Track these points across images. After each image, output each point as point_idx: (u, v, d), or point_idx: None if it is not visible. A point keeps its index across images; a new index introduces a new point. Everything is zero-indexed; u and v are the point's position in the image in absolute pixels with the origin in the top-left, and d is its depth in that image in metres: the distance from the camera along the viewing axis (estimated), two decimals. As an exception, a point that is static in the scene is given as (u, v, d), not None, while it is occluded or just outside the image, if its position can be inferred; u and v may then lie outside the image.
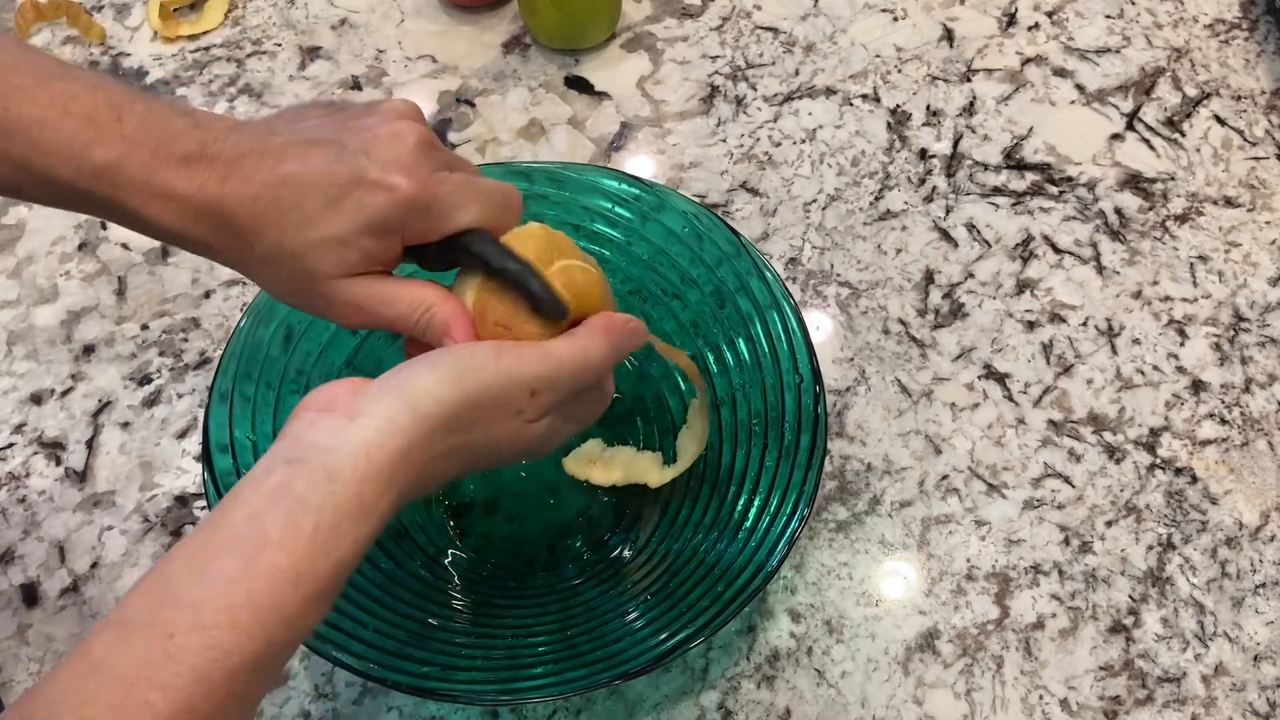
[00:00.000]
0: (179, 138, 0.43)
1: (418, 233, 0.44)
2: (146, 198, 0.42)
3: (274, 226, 0.42)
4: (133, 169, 0.42)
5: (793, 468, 0.54)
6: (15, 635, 0.60)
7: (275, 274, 0.44)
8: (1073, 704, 0.57)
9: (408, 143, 0.44)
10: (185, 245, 0.45)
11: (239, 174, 0.43)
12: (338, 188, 0.42)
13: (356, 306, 0.44)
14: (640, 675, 0.50)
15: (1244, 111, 0.76)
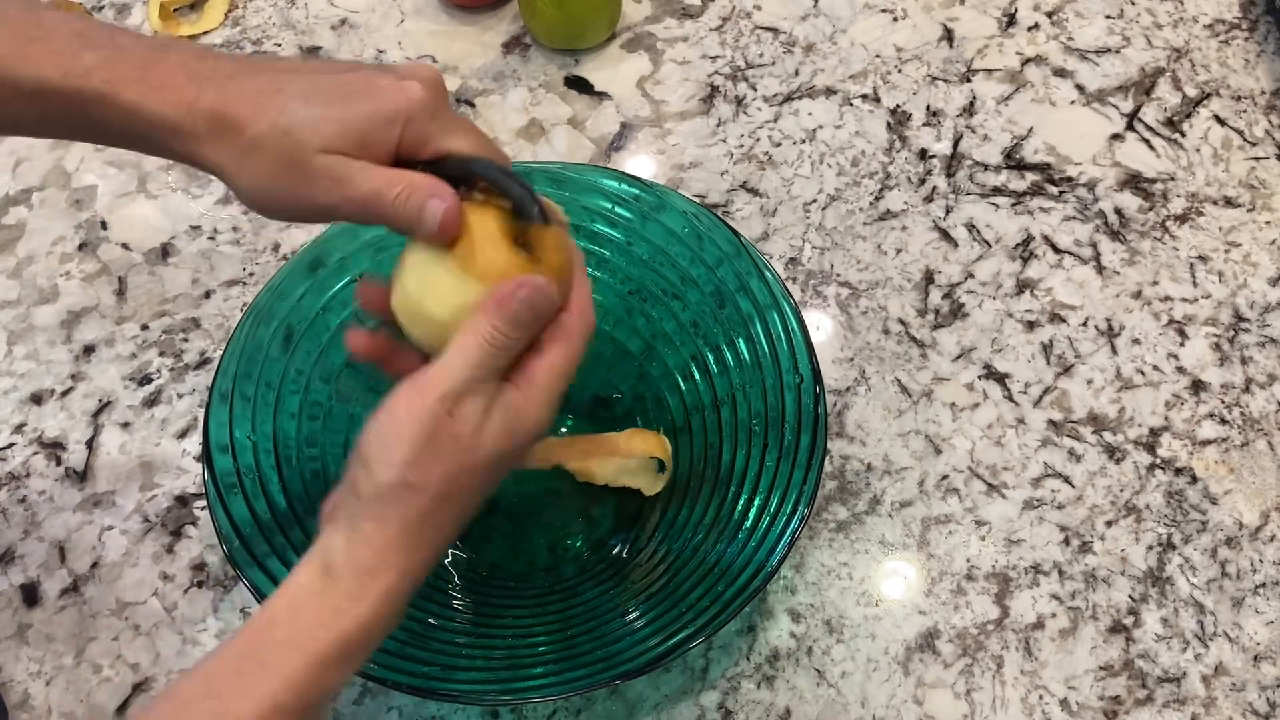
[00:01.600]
0: (178, 46, 0.44)
1: (418, 135, 0.43)
2: (143, 89, 0.42)
3: (273, 111, 0.42)
4: (126, 67, 0.42)
5: (793, 468, 0.54)
6: (15, 635, 0.60)
7: (258, 158, 0.42)
8: (1073, 704, 0.57)
9: (426, 71, 0.44)
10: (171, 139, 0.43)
11: (243, 74, 0.43)
12: (351, 87, 0.42)
13: (338, 179, 0.42)
14: (640, 675, 0.50)
15: (1244, 111, 0.76)
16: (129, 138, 0.44)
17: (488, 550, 0.60)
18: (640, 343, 0.63)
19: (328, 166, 0.42)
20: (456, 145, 0.44)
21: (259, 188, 0.43)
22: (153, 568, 0.61)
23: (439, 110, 0.44)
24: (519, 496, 0.62)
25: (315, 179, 0.42)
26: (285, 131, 0.41)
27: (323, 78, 0.43)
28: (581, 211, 0.62)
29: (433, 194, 0.42)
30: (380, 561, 0.41)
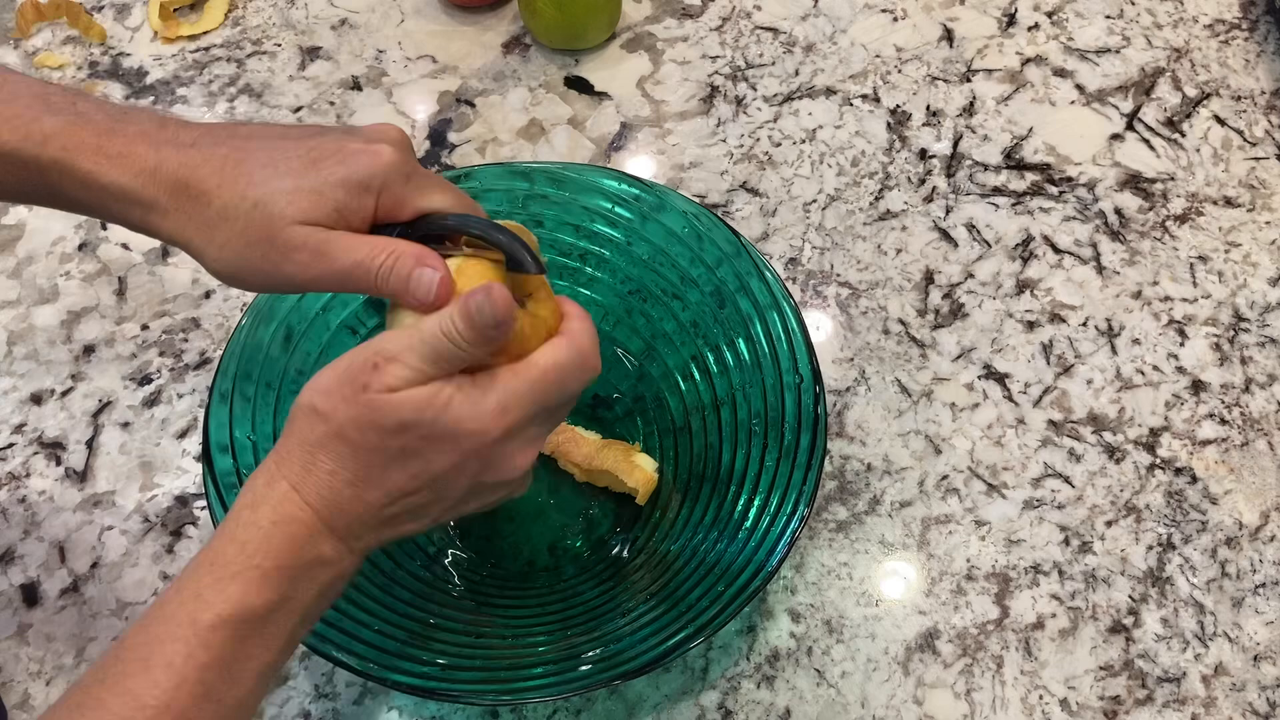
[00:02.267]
0: (137, 115, 0.43)
1: (394, 199, 0.42)
2: (99, 158, 0.41)
3: (240, 182, 0.41)
4: (85, 134, 0.41)
5: (793, 468, 0.54)
6: (15, 635, 0.60)
7: (229, 229, 0.41)
8: (1073, 704, 0.57)
9: (392, 132, 0.43)
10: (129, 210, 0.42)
11: (205, 142, 0.42)
12: (318, 153, 0.41)
13: (316, 252, 0.41)
14: (640, 675, 0.50)
15: (1244, 111, 0.76)
16: (90, 206, 0.43)
17: (488, 550, 0.60)
18: (640, 343, 0.63)
19: (305, 239, 0.41)
20: (433, 204, 0.43)
21: (229, 261, 0.42)
22: (153, 568, 0.61)
23: (412, 171, 0.43)
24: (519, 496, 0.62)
25: (291, 252, 0.41)
26: (256, 203, 0.40)
27: (288, 144, 0.42)
28: (581, 211, 0.62)
29: (420, 262, 0.41)
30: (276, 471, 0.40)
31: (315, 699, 0.57)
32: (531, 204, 0.62)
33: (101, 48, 0.81)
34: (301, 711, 0.57)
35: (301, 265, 0.41)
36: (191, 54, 0.81)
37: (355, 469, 0.40)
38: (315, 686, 0.57)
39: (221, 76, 0.80)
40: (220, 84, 0.79)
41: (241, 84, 0.79)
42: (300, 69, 0.80)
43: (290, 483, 0.40)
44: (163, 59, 0.81)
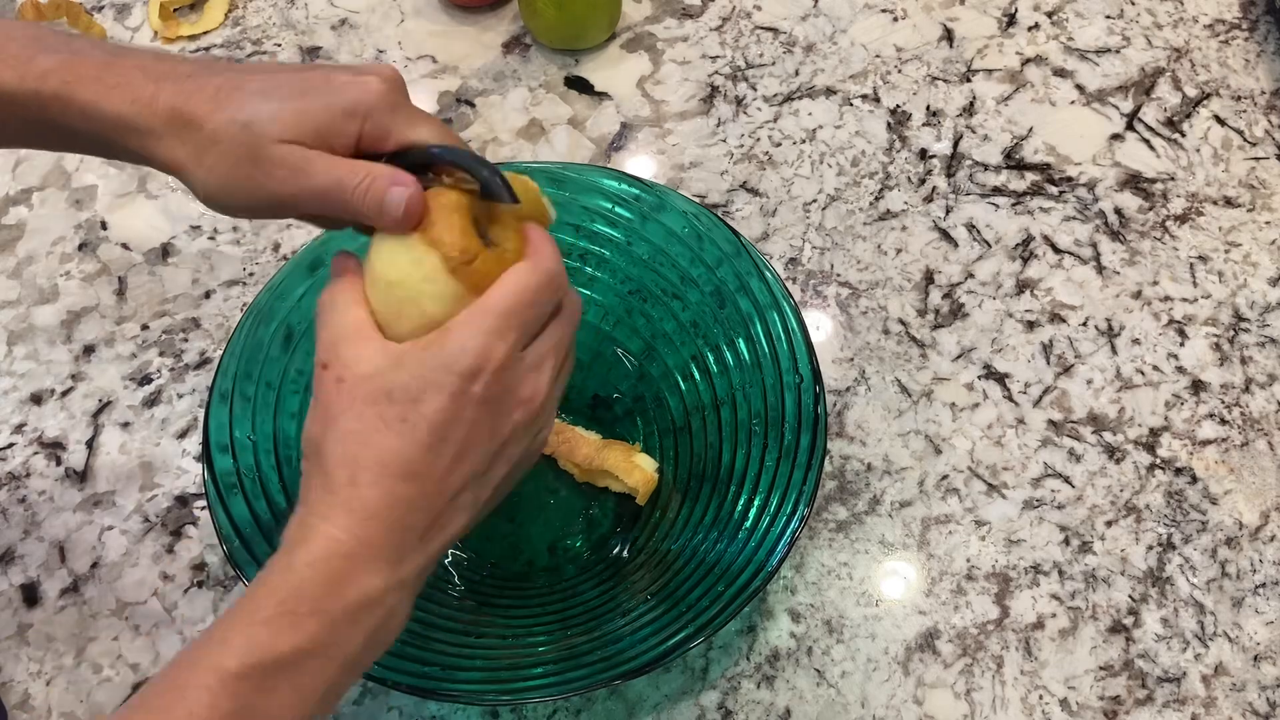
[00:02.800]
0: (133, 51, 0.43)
1: (378, 129, 0.43)
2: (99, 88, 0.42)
3: (231, 105, 0.41)
4: (84, 67, 0.42)
5: (793, 468, 0.54)
6: (15, 635, 0.60)
7: (217, 151, 0.41)
8: (1073, 704, 0.57)
9: (384, 69, 0.44)
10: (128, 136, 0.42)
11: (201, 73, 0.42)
12: (310, 83, 0.42)
13: (296, 169, 0.41)
14: (640, 675, 0.50)
15: (1244, 111, 0.76)
16: (87, 139, 0.43)
17: (488, 550, 0.60)
18: (640, 343, 0.63)
19: (285, 156, 0.41)
20: (419, 136, 0.43)
21: (216, 181, 0.42)
22: (153, 568, 0.61)
23: (399, 103, 0.43)
24: (519, 496, 0.62)
25: (273, 169, 0.41)
26: (244, 125, 0.41)
27: (281, 75, 0.43)
28: (581, 211, 0.62)
29: (394, 182, 0.41)
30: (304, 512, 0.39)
31: (315, 699, 0.57)
32: (531, 204, 0.62)
33: (101, 48, 0.81)
34: (301, 711, 0.57)
35: (280, 181, 0.41)
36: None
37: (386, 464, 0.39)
38: (315, 686, 0.57)
39: (221, 76, 0.80)
40: (220, 84, 0.79)
41: (241, 84, 0.79)
42: (300, 69, 0.80)
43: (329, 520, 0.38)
44: (163, 59, 0.81)
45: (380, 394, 0.39)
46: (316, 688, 0.38)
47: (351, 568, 0.38)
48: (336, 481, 0.39)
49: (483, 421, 0.40)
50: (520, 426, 0.42)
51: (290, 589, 0.37)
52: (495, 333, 0.40)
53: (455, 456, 0.40)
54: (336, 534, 0.38)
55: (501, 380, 0.40)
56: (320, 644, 0.37)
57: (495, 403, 0.41)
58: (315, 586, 0.37)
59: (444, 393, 0.39)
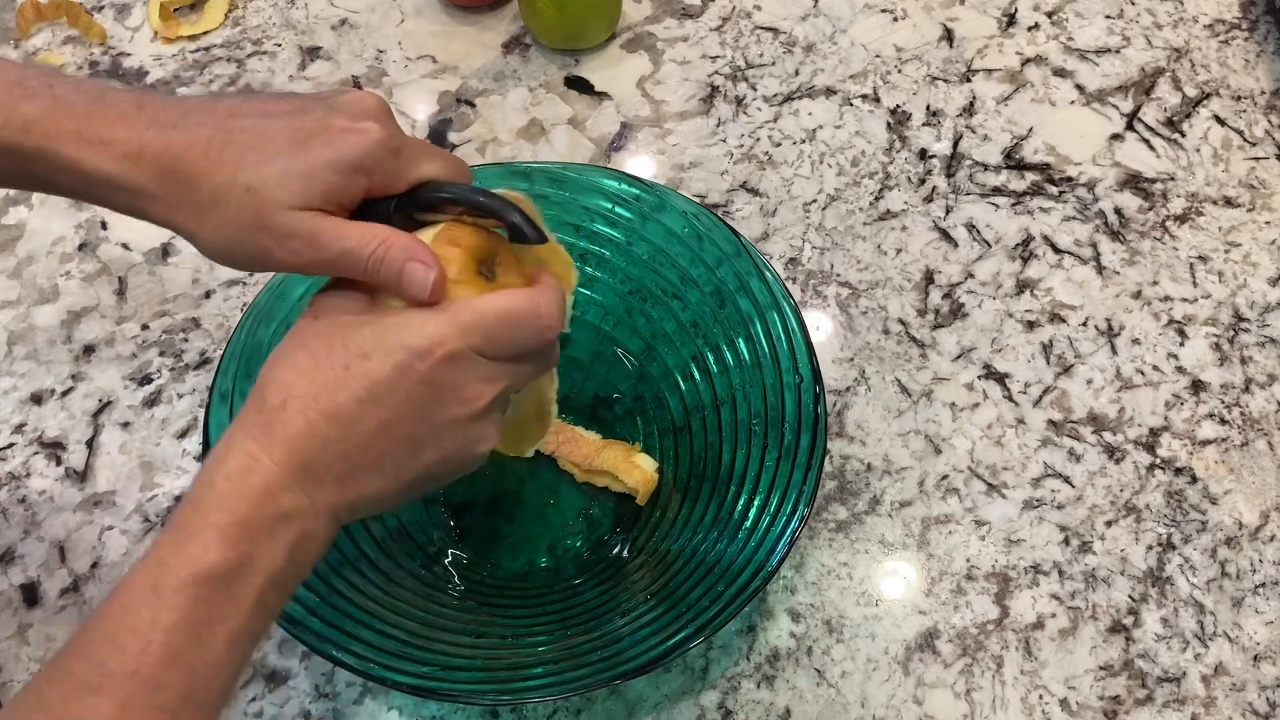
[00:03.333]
0: (114, 97, 0.42)
1: (386, 176, 0.42)
2: (80, 145, 0.41)
3: (229, 165, 0.40)
4: (64, 120, 0.41)
5: (793, 468, 0.54)
6: (15, 635, 0.60)
7: (220, 215, 0.41)
8: (1073, 704, 0.57)
9: (372, 103, 0.43)
10: (115, 195, 0.42)
11: (188, 123, 0.41)
12: (305, 133, 0.41)
13: (308, 239, 0.41)
14: (640, 675, 0.50)
15: (1244, 111, 0.76)
16: (77, 192, 0.43)
17: (488, 550, 0.60)
18: (640, 343, 0.63)
19: (297, 225, 0.41)
20: (426, 173, 0.43)
21: (223, 245, 0.42)
22: (153, 568, 0.61)
23: (400, 144, 0.43)
24: (519, 496, 0.62)
25: (285, 239, 0.41)
26: (247, 188, 0.40)
27: (273, 123, 0.41)
28: (581, 211, 0.62)
29: (410, 256, 0.41)
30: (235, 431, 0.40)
31: (315, 699, 0.57)
32: (531, 204, 0.62)
33: (101, 47, 0.81)
34: (301, 711, 0.57)
35: (293, 252, 0.41)
36: (192, 54, 0.81)
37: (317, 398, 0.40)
38: (315, 686, 0.58)
39: (222, 76, 0.80)
40: (220, 84, 0.79)
41: (242, 84, 0.79)
42: (300, 69, 0.80)
43: (251, 438, 0.39)
44: (163, 59, 0.81)
45: (339, 340, 0.40)
46: (247, 597, 0.39)
47: (266, 482, 0.39)
48: (269, 403, 0.40)
49: (418, 399, 0.41)
50: (454, 423, 0.42)
51: (212, 502, 0.39)
52: (459, 328, 0.41)
53: (383, 421, 0.41)
54: (254, 450, 0.39)
55: (448, 370, 0.41)
56: (245, 554, 0.38)
57: (435, 387, 0.41)
58: (233, 498, 0.39)
59: (390, 358, 0.40)
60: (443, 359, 0.41)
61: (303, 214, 0.41)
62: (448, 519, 0.61)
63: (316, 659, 0.58)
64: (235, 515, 0.38)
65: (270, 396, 0.40)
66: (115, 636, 0.37)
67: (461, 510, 0.61)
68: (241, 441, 0.40)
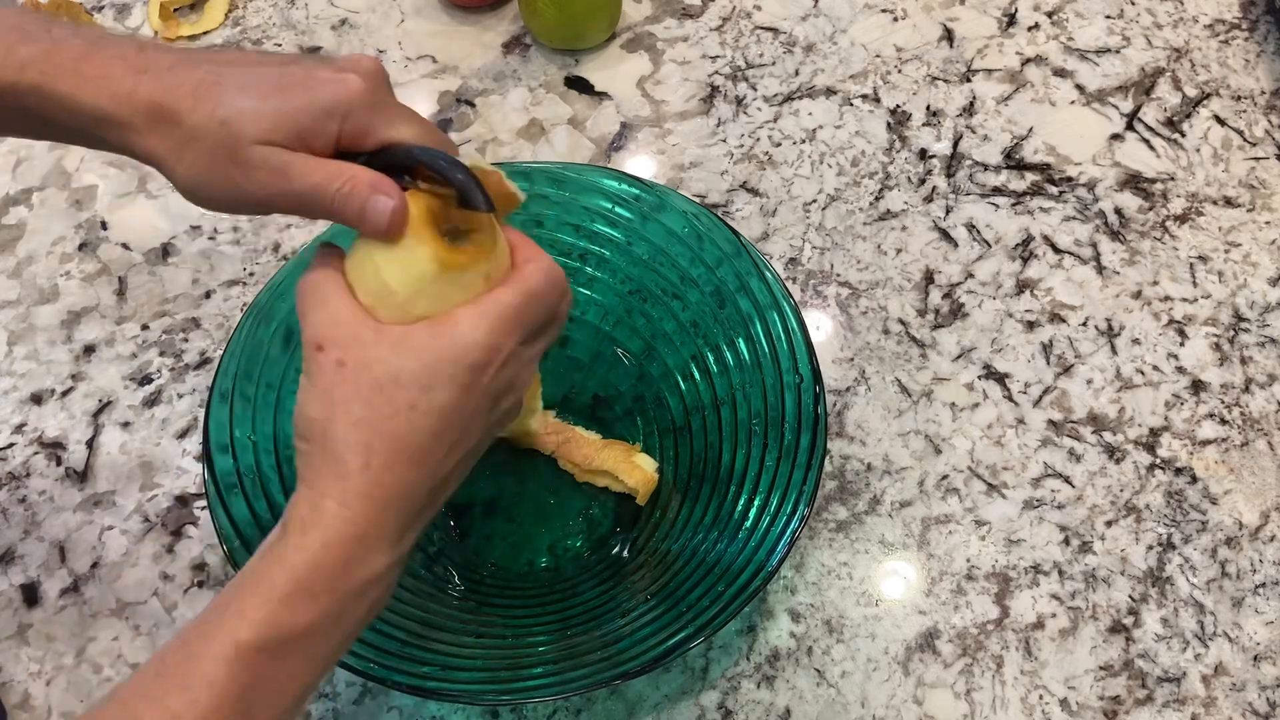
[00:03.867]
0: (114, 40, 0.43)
1: (358, 128, 0.42)
2: (77, 80, 0.41)
3: (211, 101, 0.41)
4: (63, 58, 0.42)
5: (793, 468, 0.54)
6: (15, 635, 0.60)
7: (196, 149, 0.41)
8: (1073, 704, 0.57)
9: (366, 62, 0.44)
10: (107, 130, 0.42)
11: (182, 66, 0.42)
12: (289, 79, 0.42)
13: (275, 171, 0.41)
14: (640, 675, 0.50)
15: (1244, 111, 0.76)
16: (68, 130, 0.43)
17: (488, 550, 0.60)
18: (640, 343, 0.63)
19: (264, 157, 0.41)
20: (400, 134, 0.43)
21: (195, 177, 0.42)
22: (153, 568, 0.61)
23: (380, 100, 0.43)
24: (519, 496, 0.62)
25: (252, 170, 0.41)
26: (223, 122, 0.41)
27: (262, 69, 0.42)
28: (581, 211, 0.62)
29: (376, 190, 0.41)
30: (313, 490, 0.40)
31: (315, 699, 0.57)
32: (531, 204, 0.62)
33: (101, 48, 0.81)
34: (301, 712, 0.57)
35: (260, 184, 0.41)
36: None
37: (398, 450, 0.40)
38: (315, 686, 0.58)
39: (221, 76, 0.80)
40: (220, 84, 0.79)
41: (241, 84, 0.79)
42: (300, 69, 0.80)
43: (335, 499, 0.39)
44: (163, 59, 0.81)
45: (388, 380, 0.40)
46: (322, 657, 0.39)
47: (364, 550, 0.39)
48: (349, 467, 0.39)
49: (483, 410, 0.42)
50: (506, 411, 0.44)
51: (306, 568, 0.38)
52: (504, 330, 0.41)
53: (456, 441, 0.41)
54: (352, 517, 0.39)
55: (505, 371, 0.42)
56: (331, 619, 0.39)
57: (496, 390, 0.42)
58: (329, 567, 0.39)
59: (456, 384, 0.40)
60: (500, 365, 0.41)
61: (272, 148, 0.41)
62: (448, 519, 0.61)
63: (316, 659, 0.58)
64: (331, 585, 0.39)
65: (349, 460, 0.39)
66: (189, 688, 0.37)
67: (461, 510, 0.61)
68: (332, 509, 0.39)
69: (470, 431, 0.42)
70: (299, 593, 0.38)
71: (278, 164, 0.41)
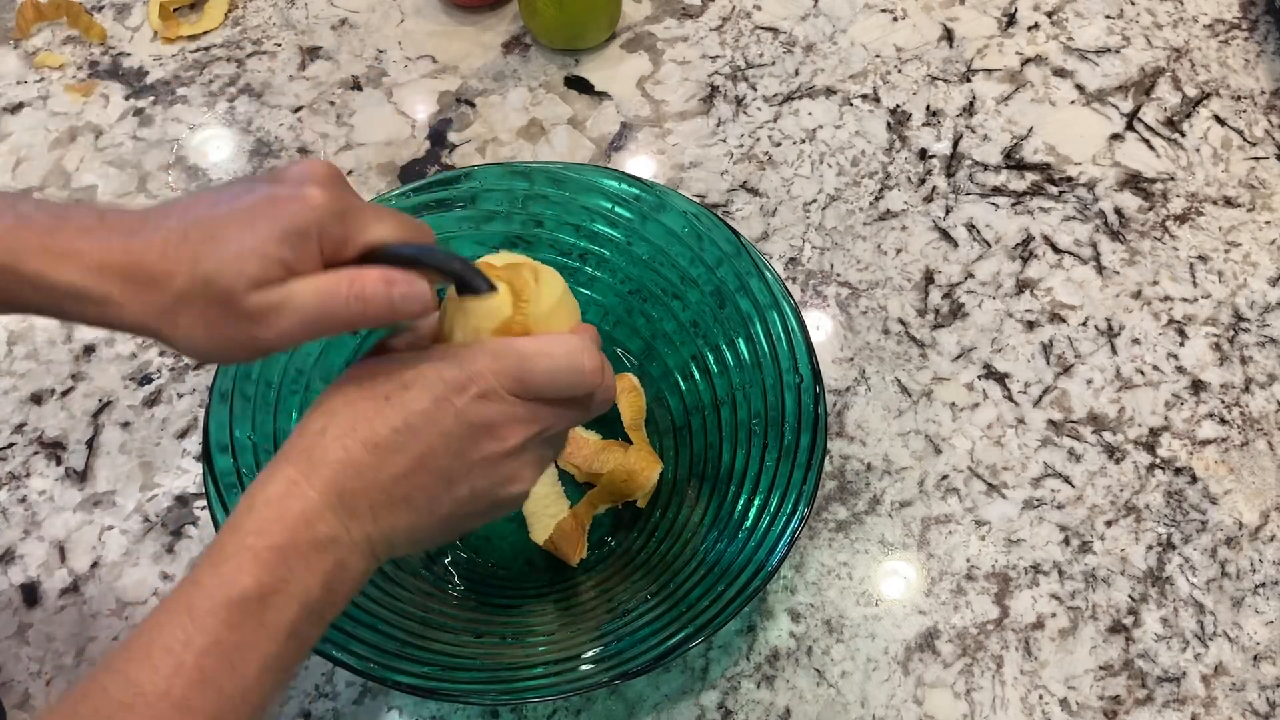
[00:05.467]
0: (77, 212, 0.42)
1: (334, 241, 0.41)
2: (45, 258, 0.40)
3: (187, 259, 0.40)
4: (28, 236, 0.41)
5: (793, 468, 0.54)
6: (15, 635, 0.60)
7: (189, 313, 0.40)
8: (1073, 704, 0.57)
9: (318, 170, 0.42)
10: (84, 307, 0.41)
11: (146, 227, 0.41)
12: (251, 211, 0.41)
13: (278, 310, 0.40)
14: (640, 675, 0.50)
15: (1244, 111, 0.76)
16: (43, 307, 0.42)
17: (488, 550, 0.60)
18: (640, 343, 0.63)
19: (261, 302, 0.40)
20: (378, 234, 0.42)
21: (201, 344, 0.41)
22: (153, 567, 0.61)
23: (347, 207, 0.42)
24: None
25: (257, 320, 0.40)
26: (206, 281, 0.39)
27: (221, 210, 0.41)
28: (581, 211, 0.62)
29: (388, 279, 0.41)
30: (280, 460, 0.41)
31: (315, 699, 0.57)
32: (531, 204, 0.62)
33: (101, 47, 0.81)
34: (301, 711, 0.57)
35: (277, 328, 0.40)
36: (191, 54, 0.81)
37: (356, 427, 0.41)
38: (315, 686, 0.58)
39: (221, 76, 0.80)
40: (220, 84, 0.79)
41: (241, 84, 0.79)
42: (300, 69, 0.80)
43: (291, 463, 0.40)
44: (163, 59, 0.81)
45: (384, 372, 0.42)
46: (281, 624, 0.39)
47: (303, 508, 0.39)
48: (310, 429, 0.41)
49: (453, 433, 0.41)
50: (487, 460, 0.42)
51: (250, 526, 0.39)
52: (497, 366, 0.42)
53: (418, 454, 0.41)
54: (294, 475, 0.40)
55: (483, 406, 0.42)
56: (279, 579, 0.39)
57: (470, 422, 0.42)
58: (270, 523, 0.39)
59: (429, 391, 0.41)
60: (477, 395, 0.41)
61: (265, 290, 0.40)
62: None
63: (316, 659, 0.58)
64: (271, 540, 0.39)
65: (312, 423, 0.41)
66: (150, 655, 0.37)
67: (461, 510, 0.61)
68: (283, 467, 0.40)
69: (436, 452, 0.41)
70: (243, 550, 0.38)
71: (276, 303, 0.40)
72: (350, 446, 0.40)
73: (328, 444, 0.40)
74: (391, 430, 0.41)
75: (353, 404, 0.41)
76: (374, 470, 0.41)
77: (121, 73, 0.80)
